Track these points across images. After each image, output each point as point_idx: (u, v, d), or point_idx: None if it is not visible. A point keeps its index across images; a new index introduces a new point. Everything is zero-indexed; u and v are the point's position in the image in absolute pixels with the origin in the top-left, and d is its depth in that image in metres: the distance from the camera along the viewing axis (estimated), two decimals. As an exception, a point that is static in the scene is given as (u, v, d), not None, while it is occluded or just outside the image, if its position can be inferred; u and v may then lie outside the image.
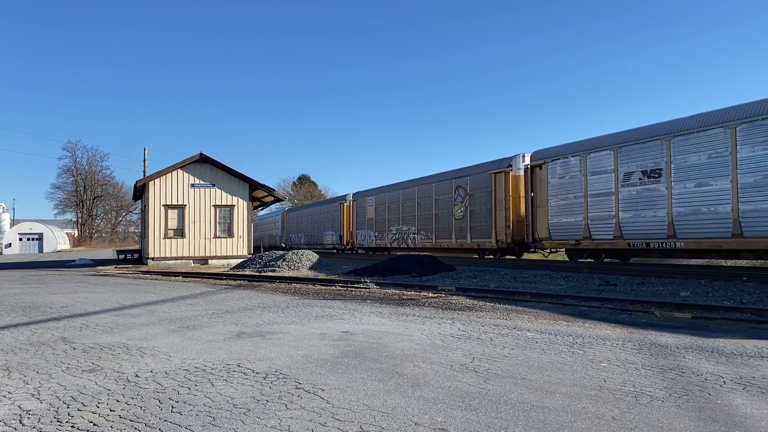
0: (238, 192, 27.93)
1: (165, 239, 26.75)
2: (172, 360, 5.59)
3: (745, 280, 12.42)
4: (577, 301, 10.06)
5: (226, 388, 4.48)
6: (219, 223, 27.59)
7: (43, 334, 7.28)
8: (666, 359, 5.44)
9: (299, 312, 9.24)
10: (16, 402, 4.21)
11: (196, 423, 3.66)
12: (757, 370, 4.99)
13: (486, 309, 9.38)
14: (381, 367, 5.17)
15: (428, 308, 9.59)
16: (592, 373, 4.91)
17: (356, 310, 9.44)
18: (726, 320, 7.83)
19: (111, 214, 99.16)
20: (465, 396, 4.20)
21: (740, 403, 4.02)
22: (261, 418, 3.73)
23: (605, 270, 16.21)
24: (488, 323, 7.82)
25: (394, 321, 8.12)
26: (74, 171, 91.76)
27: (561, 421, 3.62)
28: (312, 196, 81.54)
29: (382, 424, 3.58)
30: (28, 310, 9.93)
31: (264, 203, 37.27)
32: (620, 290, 11.86)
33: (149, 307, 10.35)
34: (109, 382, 4.73)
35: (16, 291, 14.13)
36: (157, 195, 26.75)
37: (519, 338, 6.63)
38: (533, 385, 4.52)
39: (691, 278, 13.39)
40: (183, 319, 8.63)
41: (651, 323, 7.69)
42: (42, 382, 4.77)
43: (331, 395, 4.24)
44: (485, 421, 3.63)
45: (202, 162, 27.44)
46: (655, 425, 3.55)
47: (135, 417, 3.81)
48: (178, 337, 6.91)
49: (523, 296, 10.89)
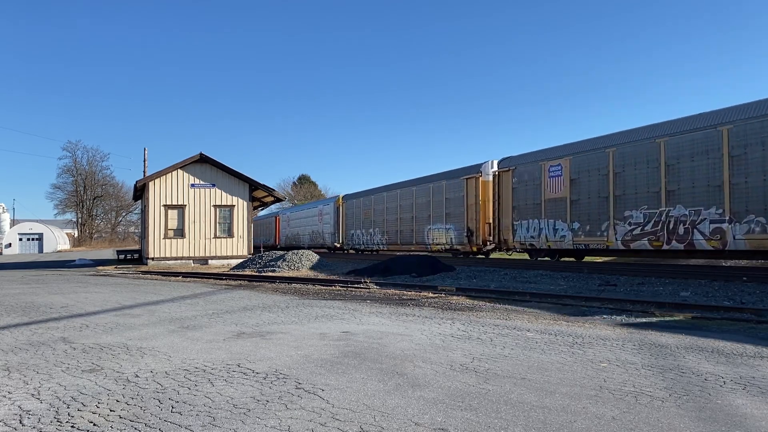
0: (238, 192, 27.93)
1: (165, 239, 26.75)
2: (172, 360, 5.59)
3: (745, 280, 12.43)
4: (577, 301, 10.06)
5: (226, 388, 4.48)
6: (219, 223, 27.59)
7: (43, 334, 7.28)
8: (666, 359, 5.44)
9: (299, 312, 9.24)
10: (16, 402, 4.21)
11: (196, 423, 3.66)
12: (757, 370, 4.99)
13: (486, 309, 9.38)
14: (381, 367, 5.17)
15: (428, 308, 9.59)
16: (592, 373, 4.91)
17: (356, 310, 9.44)
18: (726, 320, 7.83)
19: (111, 214, 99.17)
20: (465, 396, 4.20)
21: (740, 403, 4.02)
22: (261, 418, 3.73)
23: (605, 270, 16.22)
24: (488, 323, 7.82)
25: (394, 321, 8.12)
26: (74, 171, 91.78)
27: (561, 421, 3.62)
28: (312, 196, 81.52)
29: (382, 424, 3.58)
30: (28, 310, 9.93)
31: (264, 203, 37.28)
32: (620, 290, 11.87)
33: (149, 307, 10.35)
34: (109, 382, 4.73)
35: (16, 291, 14.14)
36: (157, 195, 26.75)
37: (519, 338, 6.63)
38: (533, 385, 4.52)
39: (691, 278, 13.40)
40: (183, 319, 8.64)
41: (651, 323, 7.69)
42: (42, 382, 4.77)
43: (331, 395, 4.24)
44: (485, 421, 3.63)
45: (202, 162, 27.44)
46: (655, 425, 3.55)
47: (135, 417, 3.81)
48: (178, 337, 6.91)
49: (523, 296, 10.89)
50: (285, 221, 51.06)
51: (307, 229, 44.14)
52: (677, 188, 15.48)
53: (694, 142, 15.13)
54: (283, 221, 51.71)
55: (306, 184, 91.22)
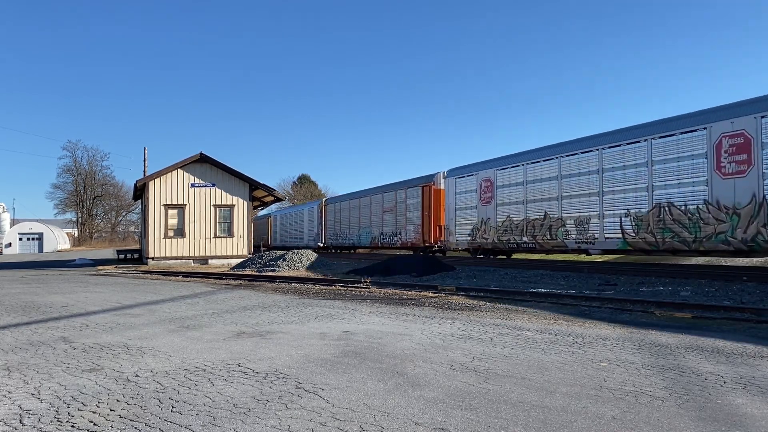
0: (238, 192, 27.94)
1: (165, 239, 26.75)
2: (172, 359, 5.59)
3: (745, 280, 12.42)
4: (578, 300, 10.06)
5: (226, 388, 4.48)
6: (219, 223, 27.60)
7: (43, 334, 7.28)
8: (666, 359, 5.44)
9: (299, 312, 9.24)
10: (16, 402, 4.21)
11: (196, 423, 3.66)
12: (757, 369, 4.99)
13: (486, 309, 9.38)
14: (381, 366, 5.17)
15: (428, 308, 9.59)
16: (592, 372, 4.91)
17: (356, 309, 9.44)
18: (726, 320, 7.83)
19: (111, 213, 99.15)
20: (465, 396, 4.20)
21: (740, 402, 4.02)
22: (261, 418, 3.73)
23: (605, 270, 16.23)
24: (488, 323, 7.82)
25: (394, 321, 8.12)
26: (74, 171, 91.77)
27: (561, 421, 3.62)
28: (312, 195, 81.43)
29: (382, 424, 3.58)
30: (28, 310, 9.93)
31: (264, 203, 37.29)
32: (620, 290, 11.87)
33: (149, 306, 10.35)
34: (109, 382, 4.73)
35: (17, 291, 14.14)
36: (157, 195, 26.75)
37: (519, 338, 6.64)
38: (533, 384, 4.52)
39: (691, 278, 13.40)
40: (183, 318, 8.64)
41: (651, 323, 7.69)
42: (42, 382, 4.77)
43: (331, 395, 4.24)
44: (485, 421, 3.63)
45: (202, 162, 27.44)
46: (655, 425, 3.55)
47: (135, 417, 3.81)
48: (178, 337, 6.91)
49: (524, 296, 10.89)
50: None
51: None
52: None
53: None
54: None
55: (306, 184, 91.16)
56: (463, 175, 24.23)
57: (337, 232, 38.07)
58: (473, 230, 23.08)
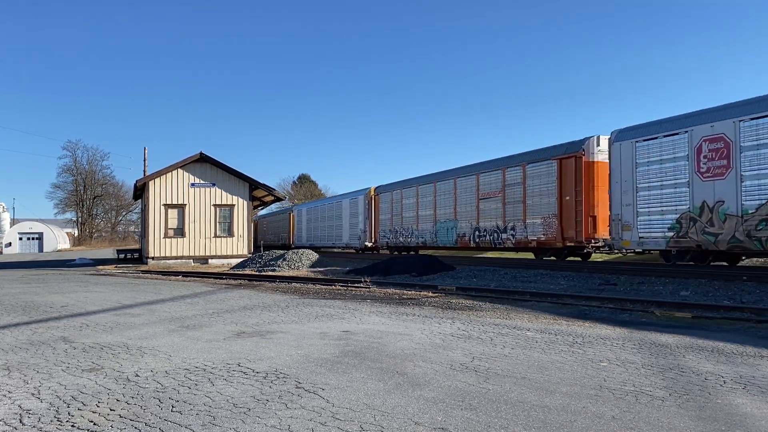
0: (238, 191, 27.93)
1: (165, 239, 26.75)
2: (172, 359, 5.59)
3: (745, 280, 12.42)
4: (578, 300, 10.06)
5: (226, 388, 4.48)
6: (219, 223, 27.59)
7: (43, 334, 7.28)
8: (666, 359, 5.44)
9: (299, 311, 9.24)
10: (16, 401, 4.21)
11: (196, 422, 3.66)
12: (757, 369, 4.99)
13: (486, 308, 9.38)
14: (381, 366, 5.17)
15: (428, 308, 9.59)
16: (592, 372, 4.91)
17: (356, 309, 9.44)
18: (726, 320, 7.82)
19: (111, 213, 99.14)
20: (465, 395, 4.20)
21: (740, 402, 4.01)
22: (261, 418, 3.73)
23: (605, 270, 16.22)
24: (488, 323, 7.82)
25: (394, 320, 8.12)
26: (74, 170, 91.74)
27: (561, 421, 3.62)
28: (312, 195, 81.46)
29: (382, 424, 3.58)
30: (28, 310, 9.94)
31: (264, 203, 37.27)
32: (620, 290, 11.86)
33: (149, 306, 10.35)
34: (109, 382, 4.74)
35: (17, 290, 14.14)
36: (157, 194, 26.74)
37: (519, 338, 6.64)
38: (533, 384, 4.52)
39: (691, 278, 13.38)
40: (183, 318, 8.64)
41: (651, 323, 7.69)
42: (42, 382, 4.77)
43: (331, 395, 4.24)
44: (485, 421, 3.63)
45: (202, 161, 27.43)
46: (655, 425, 3.55)
47: (135, 416, 3.81)
48: (178, 337, 6.91)
49: (524, 296, 10.88)
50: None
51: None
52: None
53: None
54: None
55: (306, 184, 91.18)
56: (653, 135, 16.21)
57: (394, 229, 31.01)
58: (679, 222, 15.47)
